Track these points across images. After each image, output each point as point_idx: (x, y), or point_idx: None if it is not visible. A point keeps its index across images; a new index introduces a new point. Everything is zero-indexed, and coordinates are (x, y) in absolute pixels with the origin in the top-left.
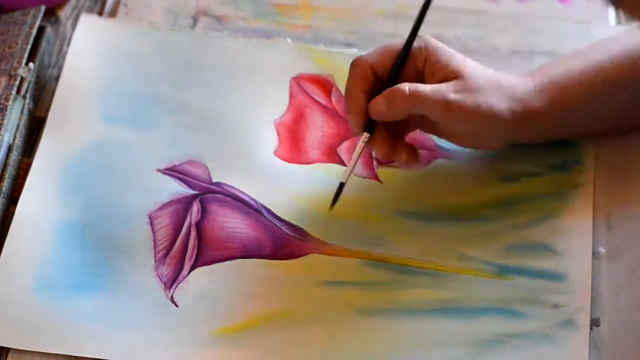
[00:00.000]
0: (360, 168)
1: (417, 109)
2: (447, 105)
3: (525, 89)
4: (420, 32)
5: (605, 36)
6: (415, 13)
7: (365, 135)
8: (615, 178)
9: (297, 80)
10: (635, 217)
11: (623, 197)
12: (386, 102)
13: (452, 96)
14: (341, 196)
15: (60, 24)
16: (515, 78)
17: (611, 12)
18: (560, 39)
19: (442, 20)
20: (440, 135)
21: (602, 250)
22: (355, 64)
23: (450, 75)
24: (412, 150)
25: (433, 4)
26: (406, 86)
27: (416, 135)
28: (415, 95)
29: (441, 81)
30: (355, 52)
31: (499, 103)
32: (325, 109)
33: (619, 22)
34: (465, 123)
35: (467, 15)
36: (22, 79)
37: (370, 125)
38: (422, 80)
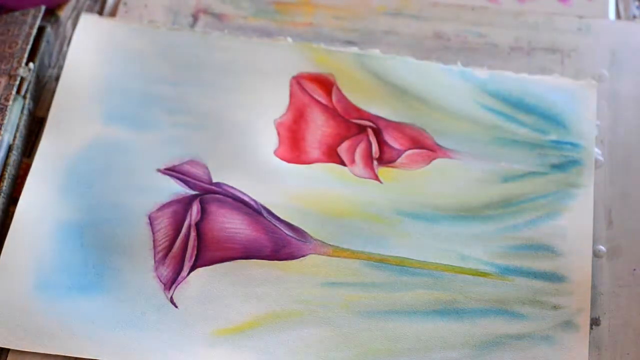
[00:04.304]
0: (360, 168)
1: None
2: None
3: None
4: (421, 30)
5: (606, 32)
6: (416, 10)
7: None
8: (616, 177)
9: (298, 79)
10: (636, 216)
11: (623, 195)
12: None
13: None
14: (341, 196)
15: (60, 24)
16: None
17: (611, 7)
18: (561, 35)
19: (442, 16)
20: None
21: (602, 248)
22: None
23: None
24: None
25: (433, 0)
26: None
27: (416, 135)
28: None
29: None
30: (356, 51)
31: None
32: (326, 108)
33: (618, 17)
34: None
35: (468, 12)
36: (22, 79)
37: None
38: None
